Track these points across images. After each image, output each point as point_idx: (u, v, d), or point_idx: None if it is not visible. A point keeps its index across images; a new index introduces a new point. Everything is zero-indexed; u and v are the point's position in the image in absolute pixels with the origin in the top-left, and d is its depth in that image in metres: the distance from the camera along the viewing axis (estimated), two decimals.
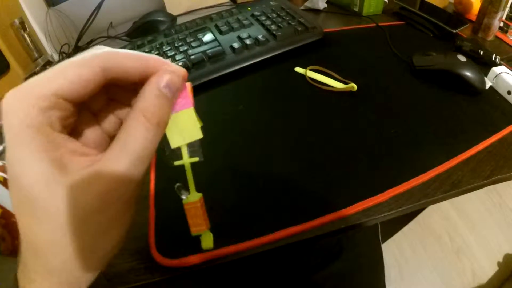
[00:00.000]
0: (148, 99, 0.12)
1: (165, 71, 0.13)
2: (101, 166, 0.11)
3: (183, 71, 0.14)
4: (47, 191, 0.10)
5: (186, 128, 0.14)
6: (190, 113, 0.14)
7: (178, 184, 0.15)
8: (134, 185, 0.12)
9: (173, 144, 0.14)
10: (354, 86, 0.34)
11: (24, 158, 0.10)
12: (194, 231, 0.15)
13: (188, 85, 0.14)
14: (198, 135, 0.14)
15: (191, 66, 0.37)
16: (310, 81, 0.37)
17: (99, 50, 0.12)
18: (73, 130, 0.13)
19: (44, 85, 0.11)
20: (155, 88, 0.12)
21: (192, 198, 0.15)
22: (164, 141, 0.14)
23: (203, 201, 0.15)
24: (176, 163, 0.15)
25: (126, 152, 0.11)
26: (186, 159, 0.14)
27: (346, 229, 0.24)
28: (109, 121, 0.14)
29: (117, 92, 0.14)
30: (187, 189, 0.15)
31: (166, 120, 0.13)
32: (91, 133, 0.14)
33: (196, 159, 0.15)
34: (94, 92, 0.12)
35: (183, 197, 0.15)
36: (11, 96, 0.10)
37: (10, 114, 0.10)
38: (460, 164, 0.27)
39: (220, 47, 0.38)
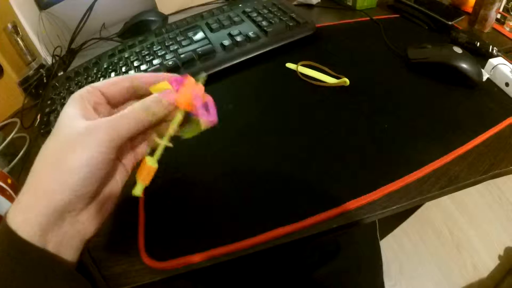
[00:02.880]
0: (151, 98, 0.18)
1: (169, 92, 0.19)
2: (105, 118, 0.17)
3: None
4: (74, 127, 0.16)
5: (192, 129, 0.20)
6: (204, 124, 0.19)
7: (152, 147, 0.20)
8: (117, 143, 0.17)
9: (169, 130, 0.19)
10: (346, 80, 0.34)
11: (70, 110, 0.17)
12: (136, 176, 0.19)
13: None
14: (195, 133, 0.20)
15: (181, 65, 0.36)
16: (301, 76, 0.36)
17: (136, 74, 0.20)
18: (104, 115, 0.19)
19: (98, 82, 0.19)
20: (157, 95, 0.18)
21: (149, 161, 0.19)
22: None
23: (152, 170, 0.19)
24: (157, 140, 0.19)
25: (123, 115, 0.17)
26: (165, 142, 0.19)
27: (339, 228, 0.23)
28: None
29: None
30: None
31: (153, 112, 0.18)
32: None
33: (170, 145, 0.19)
34: (124, 95, 0.20)
35: (147, 154, 0.20)
36: (87, 86, 0.19)
37: (79, 91, 0.18)
38: (457, 159, 0.27)
39: (210, 45, 0.38)
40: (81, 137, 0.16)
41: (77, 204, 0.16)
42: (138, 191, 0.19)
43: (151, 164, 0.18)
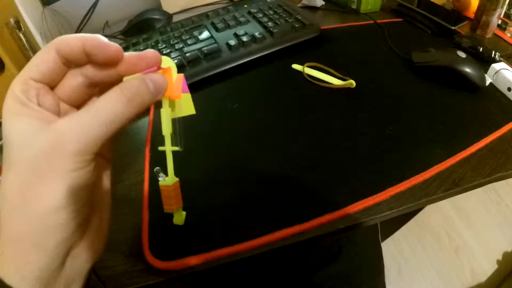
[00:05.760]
0: (131, 81, 0.14)
1: (157, 74, 0.15)
2: (70, 119, 0.13)
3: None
4: (33, 145, 0.13)
5: (183, 108, 0.16)
6: (187, 97, 0.16)
7: (157, 168, 0.17)
8: (95, 148, 0.13)
9: (163, 131, 0.16)
10: (352, 82, 0.34)
11: (15, 123, 0.13)
12: (166, 209, 0.18)
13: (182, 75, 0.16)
14: (192, 111, 0.16)
15: (186, 64, 0.36)
16: (307, 78, 0.36)
17: (57, 38, 0.15)
18: (55, 108, 0.15)
19: (24, 72, 0.14)
20: (140, 76, 0.14)
21: (167, 182, 0.17)
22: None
23: (179, 185, 0.17)
24: (160, 148, 0.16)
25: (96, 111, 0.13)
26: (168, 147, 0.16)
27: (346, 230, 0.23)
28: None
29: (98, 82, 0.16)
30: (165, 173, 0.17)
31: (139, 101, 0.14)
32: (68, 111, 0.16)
33: (176, 148, 0.16)
34: (57, 69, 0.15)
35: (160, 179, 0.17)
36: (12, 84, 0.14)
37: (7, 96, 0.14)
38: (460, 162, 0.27)
39: (216, 45, 0.38)
40: (48, 158, 0.12)
41: (71, 240, 0.13)
42: (178, 220, 0.17)
43: (168, 184, 0.16)
